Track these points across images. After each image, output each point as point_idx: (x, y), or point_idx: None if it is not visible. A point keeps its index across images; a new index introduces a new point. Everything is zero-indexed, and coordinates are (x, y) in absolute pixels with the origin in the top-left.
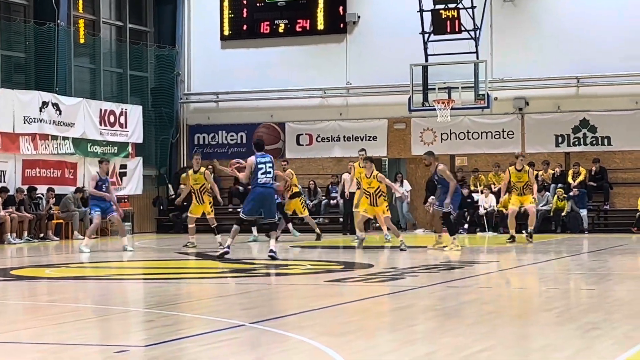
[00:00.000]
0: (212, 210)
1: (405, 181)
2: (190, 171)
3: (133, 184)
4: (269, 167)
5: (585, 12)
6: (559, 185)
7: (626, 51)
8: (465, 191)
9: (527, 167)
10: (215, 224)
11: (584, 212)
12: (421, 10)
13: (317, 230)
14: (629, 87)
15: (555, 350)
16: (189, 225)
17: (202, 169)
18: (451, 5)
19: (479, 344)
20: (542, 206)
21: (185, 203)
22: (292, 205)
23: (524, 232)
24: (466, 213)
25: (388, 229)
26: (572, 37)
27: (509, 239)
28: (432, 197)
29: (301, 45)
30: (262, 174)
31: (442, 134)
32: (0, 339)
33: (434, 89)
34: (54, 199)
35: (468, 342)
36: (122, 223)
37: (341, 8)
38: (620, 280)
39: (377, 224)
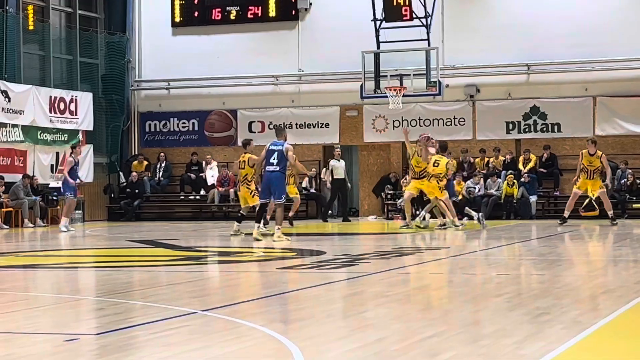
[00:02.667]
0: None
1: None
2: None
3: (84, 172)
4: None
5: (535, 0)
6: (510, 171)
7: (576, 38)
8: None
9: (599, 152)
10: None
11: (533, 198)
12: None
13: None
14: (578, 74)
15: (505, 336)
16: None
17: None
18: None
19: (430, 329)
20: (494, 192)
21: (137, 190)
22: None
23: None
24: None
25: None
26: (522, 24)
27: (560, 220)
28: None
29: (253, 32)
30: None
31: (394, 121)
32: None
33: (386, 76)
34: (3, 187)
35: (418, 328)
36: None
37: None
38: (569, 265)
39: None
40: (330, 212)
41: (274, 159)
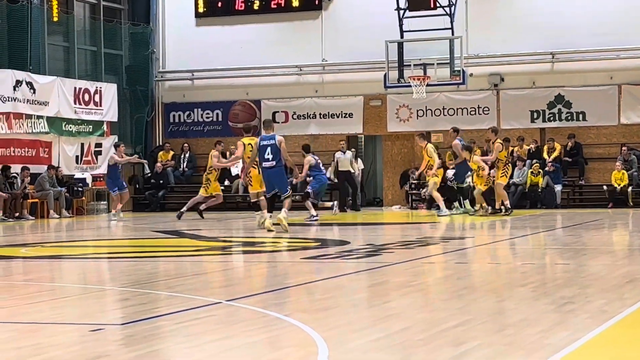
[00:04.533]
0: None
1: (359, 159)
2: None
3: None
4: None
5: None
6: (534, 160)
7: (600, 26)
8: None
9: None
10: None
11: (558, 188)
12: None
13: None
14: (603, 62)
15: (530, 325)
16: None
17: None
18: None
19: (454, 319)
20: (518, 181)
21: (162, 181)
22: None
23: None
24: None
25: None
26: (547, 12)
27: None
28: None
29: (276, 22)
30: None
31: (417, 111)
32: None
33: (410, 65)
34: (28, 178)
35: (443, 318)
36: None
37: None
38: (594, 255)
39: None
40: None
41: (268, 154)
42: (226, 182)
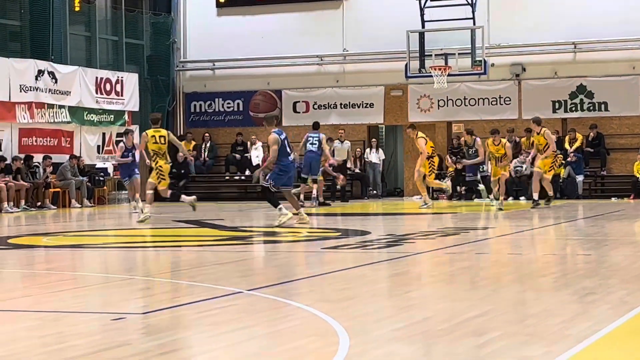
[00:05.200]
0: None
1: (380, 149)
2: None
3: (130, 153)
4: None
5: None
6: (557, 151)
7: (623, 16)
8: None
9: None
10: None
11: (580, 178)
12: None
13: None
14: (626, 52)
15: (551, 315)
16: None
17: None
18: None
19: (475, 309)
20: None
21: (183, 171)
22: None
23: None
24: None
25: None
26: (569, 2)
27: None
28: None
29: (297, 11)
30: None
31: (439, 101)
32: None
33: (431, 55)
34: (50, 168)
35: (464, 308)
36: (139, 186)
37: None
38: (616, 245)
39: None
40: (375, 192)
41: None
42: (247, 172)
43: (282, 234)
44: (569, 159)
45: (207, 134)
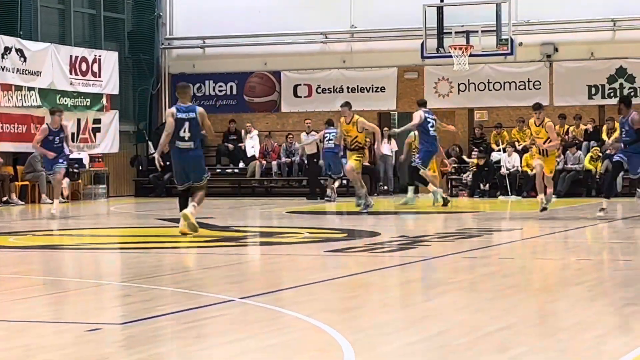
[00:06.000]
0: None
1: (392, 139)
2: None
3: (108, 141)
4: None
5: None
6: (592, 143)
7: None
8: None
9: None
10: None
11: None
12: None
13: None
14: None
15: (585, 329)
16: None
17: (356, 118)
18: None
19: (498, 321)
20: (572, 166)
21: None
22: None
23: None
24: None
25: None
26: None
27: None
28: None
29: None
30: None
31: (459, 85)
32: None
33: (451, 33)
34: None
35: (486, 320)
36: (59, 185)
37: None
38: None
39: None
40: (386, 187)
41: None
42: (240, 164)
43: (280, 235)
44: (607, 152)
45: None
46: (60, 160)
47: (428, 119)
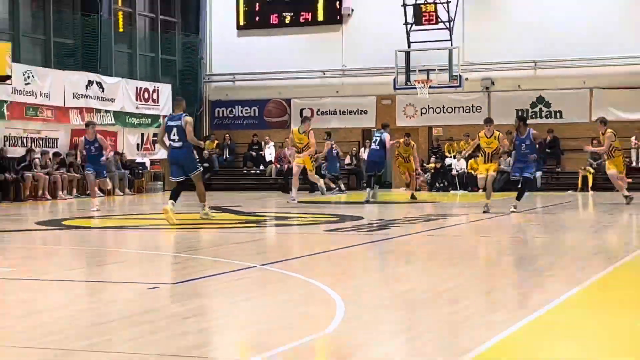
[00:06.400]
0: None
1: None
2: (296, 129)
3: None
4: None
5: (542, 5)
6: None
7: (576, 38)
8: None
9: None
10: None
11: (538, 174)
12: (404, 5)
13: None
14: (577, 69)
15: (514, 288)
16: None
17: (310, 130)
18: (430, 1)
19: (450, 282)
20: (505, 168)
21: (207, 164)
22: None
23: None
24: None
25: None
26: (531, 26)
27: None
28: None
29: (304, 33)
30: None
31: (421, 109)
32: (53, 277)
33: (415, 71)
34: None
35: (441, 281)
36: (92, 186)
37: (338, 2)
38: (568, 230)
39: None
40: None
41: (174, 135)
42: (261, 167)
43: (291, 219)
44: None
45: (227, 135)
46: (88, 167)
47: (375, 137)
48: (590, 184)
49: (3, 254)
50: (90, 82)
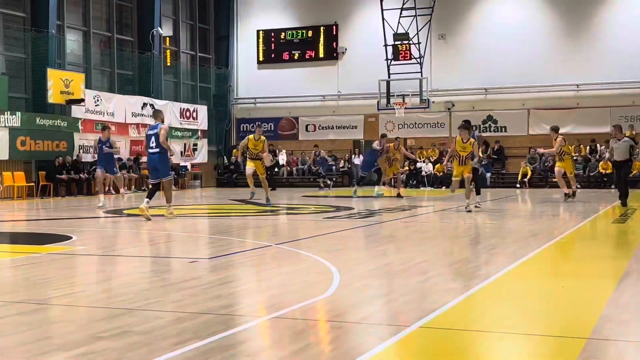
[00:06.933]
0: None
1: (360, 155)
2: (252, 136)
3: (202, 156)
4: None
5: (490, 43)
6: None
7: (517, 70)
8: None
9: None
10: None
11: (488, 174)
12: (385, 45)
13: None
14: (518, 94)
15: (469, 262)
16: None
17: (263, 138)
18: (405, 42)
19: (420, 257)
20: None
21: (232, 167)
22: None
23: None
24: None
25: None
26: (483, 61)
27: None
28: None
29: (309, 67)
30: None
31: (398, 124)
32: (115, 253)
33: (394, 95)
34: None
35: (412, 256)
36: (100, 181)
37: (334, 43)
38: (510, 217)
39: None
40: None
41: (152, 142)
42: (275, 170)
43: (299, 209)
44: (483, 162)
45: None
46: (99, 164)
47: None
48: (528, 178)
49: (79, 235)
50: (144, 104)
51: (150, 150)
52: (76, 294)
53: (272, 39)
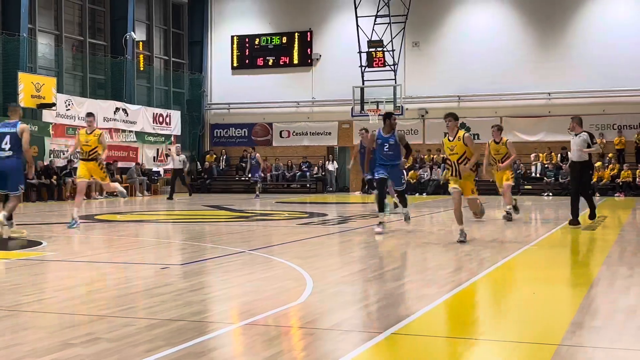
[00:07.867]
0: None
1: (335, 161)
2: (83, 130)
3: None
4: None
5: (463, 52)
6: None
7: (490, 78)
8: None
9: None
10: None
11: None
12: (360, 52)
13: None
14: (491, 102)
15: (442, 268)
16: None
17: (99, 132)
18: (379, 49)
19: (393, 264)
20: (435, 177)
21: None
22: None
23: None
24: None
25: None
26: (456, 69)
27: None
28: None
29: (283, 73)
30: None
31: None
32: (85, 259)
33: (368, 102)
34: (118, 170)
35: (386, 263)
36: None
37: (309, 49)
38: (484, 225)
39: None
40: (331, 189)
41: (6, 144)
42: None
43: (272, 215)
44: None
45: (223, 150)
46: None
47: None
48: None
49: (49, 241)
50: (117, 109)
51: (2, 154)
52: (46, 300)
53: (247, 45)
